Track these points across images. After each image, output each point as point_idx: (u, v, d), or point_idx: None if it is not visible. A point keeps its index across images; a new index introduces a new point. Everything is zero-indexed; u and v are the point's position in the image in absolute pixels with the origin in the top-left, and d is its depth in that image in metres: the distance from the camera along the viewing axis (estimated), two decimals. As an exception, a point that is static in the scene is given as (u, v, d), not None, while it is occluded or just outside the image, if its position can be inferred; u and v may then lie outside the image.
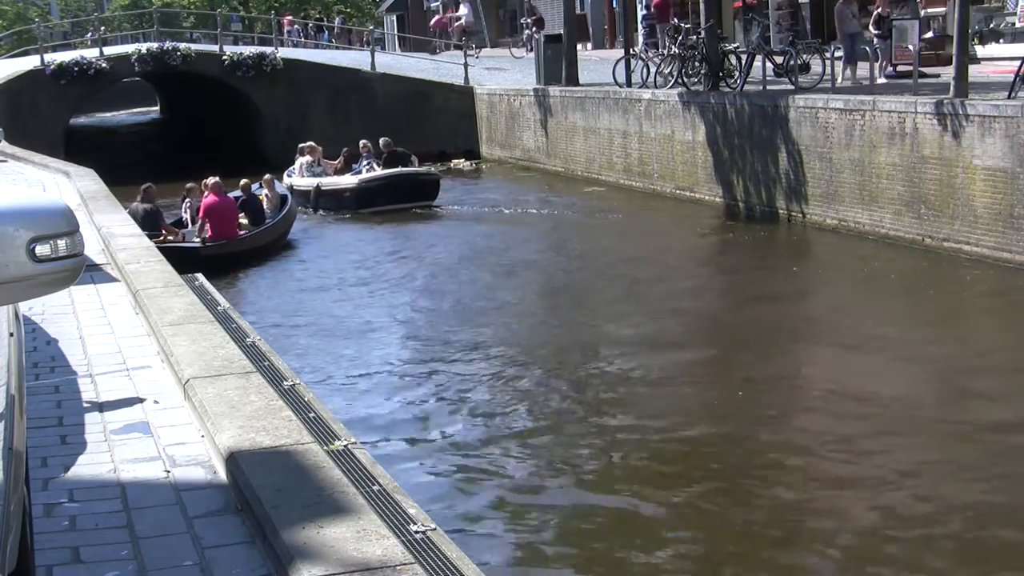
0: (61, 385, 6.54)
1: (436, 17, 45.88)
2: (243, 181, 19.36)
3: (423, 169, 23.35)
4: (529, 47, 35.62)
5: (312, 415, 5.88)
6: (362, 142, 23.44)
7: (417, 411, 10.65)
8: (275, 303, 15.50)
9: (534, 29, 35.79)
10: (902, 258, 15.82)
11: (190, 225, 18.35)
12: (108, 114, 54.01)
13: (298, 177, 22.92)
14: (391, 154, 22.69)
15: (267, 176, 20.69)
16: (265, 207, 19.55)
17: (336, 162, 23.55)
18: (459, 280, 16.58)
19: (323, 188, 22.07)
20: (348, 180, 22.46)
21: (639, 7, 33.64)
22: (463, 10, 40.31)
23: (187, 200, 18.99)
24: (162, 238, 16.95)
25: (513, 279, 16.65)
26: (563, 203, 23.57)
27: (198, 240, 17.43)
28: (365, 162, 22.91)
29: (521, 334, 13.29)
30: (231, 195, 18.49)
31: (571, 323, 14.02)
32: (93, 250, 10.47)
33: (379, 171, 22.43)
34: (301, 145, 23.87)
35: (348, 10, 61.34)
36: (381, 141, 23.08)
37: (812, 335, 13.21)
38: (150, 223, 16.90)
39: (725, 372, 11.66)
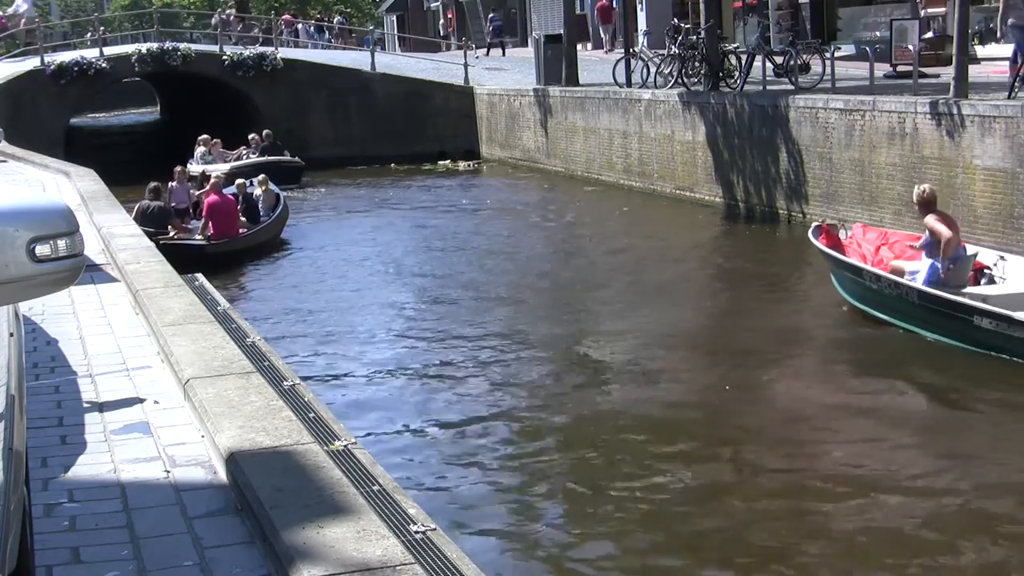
0: (61, 385, 6.54)
1: None
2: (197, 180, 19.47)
3: (287, 158, 27.27)
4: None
5: (312, 415, 5.88)
6: (250, 135, 27.65)
7: (417, 411, 10.63)
8: (274, 301, 15.48)
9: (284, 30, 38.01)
10: (902, 258, 15.79)
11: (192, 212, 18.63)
12: (108, 114, 54.01)
13: (193, 165, 25.85)
14: (270, 144, 27.35)
15: (261, 176, 20.94)
16: (260, 205, 19.81)
17: (235, 153, 27.45)
18: (458, 278, 16.57)
19: (207, 173, 23.09)
20: (224, 166, 25.39)
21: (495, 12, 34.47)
22: (23, 7, 37.36)
23: (172, 185, 19.33)
24: (171, 234, 17.36)
25: (513, 278, 16.65)
26: (563, 203, 23.57)
27: (201, 238, 17.56)
28: (246, 152, 27.24)
29: (521, 333, 13.27)
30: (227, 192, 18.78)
31: (572, 323, 14.01)
32: (93, 250, 10.47)
33: (250, 159, 26.55)
34: (198, 138, 27.54)
35: (348, 10, 61.35)
36: (264, 133, 27.60)
37: (812, 335, 13.21)
38: (160, 220, 17.56)
39: (725, 371, 11.64)
